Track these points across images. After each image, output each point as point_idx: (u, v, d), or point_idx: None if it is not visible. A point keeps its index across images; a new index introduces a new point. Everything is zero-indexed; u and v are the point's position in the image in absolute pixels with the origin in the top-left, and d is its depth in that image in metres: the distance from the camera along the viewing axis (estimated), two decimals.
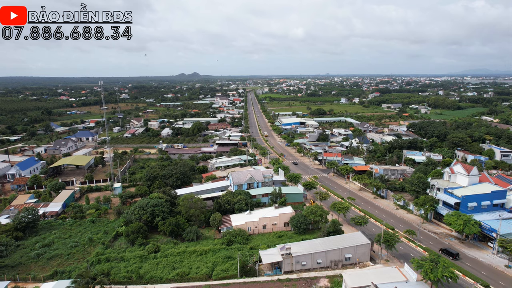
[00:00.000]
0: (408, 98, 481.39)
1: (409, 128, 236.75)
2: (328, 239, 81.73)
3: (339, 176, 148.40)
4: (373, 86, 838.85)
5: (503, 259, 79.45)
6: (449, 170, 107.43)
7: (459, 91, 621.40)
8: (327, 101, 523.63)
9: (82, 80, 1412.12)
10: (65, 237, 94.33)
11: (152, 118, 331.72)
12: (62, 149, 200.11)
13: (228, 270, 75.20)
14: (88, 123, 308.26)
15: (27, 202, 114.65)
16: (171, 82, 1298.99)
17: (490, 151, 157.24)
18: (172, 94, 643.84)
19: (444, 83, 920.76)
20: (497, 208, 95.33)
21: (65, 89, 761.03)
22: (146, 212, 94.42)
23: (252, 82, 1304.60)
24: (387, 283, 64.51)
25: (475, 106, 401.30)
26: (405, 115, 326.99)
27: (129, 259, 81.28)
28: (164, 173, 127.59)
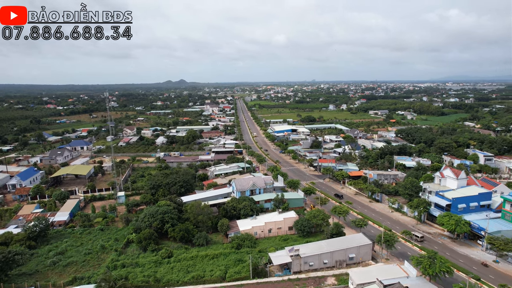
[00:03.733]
0: (394, 104, 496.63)
1: (398, 134, 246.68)
2: (332, 241, 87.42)
3: (335, 181, 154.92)
4: (359, 92, 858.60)
5: (491, 255, 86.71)
6: (440, 174, 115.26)
7: (441, 97, 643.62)
8: (316, 108, 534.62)
9: (66, 88, 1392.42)
10: (77, 245, 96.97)
11: (144, 127, 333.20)
12: (58, 158, 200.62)
13: (241, 272, 79.79)
14: (80, 132, 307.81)
15: (33, 212, 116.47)
16: (158, 89, 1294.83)
17: (474, 156, 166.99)
18: (161, 102, 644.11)
19: (427, 89, 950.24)
20: (484, 208, 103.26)
21: (50, 97, 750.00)
22: (156, 219, 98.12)
23: (239, 89, 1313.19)
24: (390, 279, 70.42)
25: (457, 112, 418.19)
26: (392, 121, 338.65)
27: (144, 264, 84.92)
28: (168, 181, 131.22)
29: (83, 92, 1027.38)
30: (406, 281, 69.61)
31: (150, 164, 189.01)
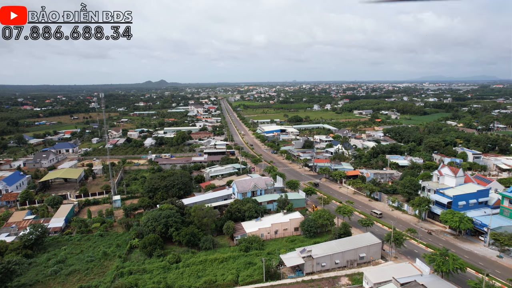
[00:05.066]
0: (377, 104, 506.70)
1: (386, 134, 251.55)
2: (342, 241, 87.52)
3: (331, 181, 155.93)
4: (341, 92, 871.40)
5: (494, 250, 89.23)
6: (438, 173, 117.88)
7: (421, 97, 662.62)
8: (300, 108, 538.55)
9: (41, 88, 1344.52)
10: (77, 252, 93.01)
11: (130, 128, 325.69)
12: (43, 162, 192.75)
13: (253, 275, 78.49)
14: (62, 134, 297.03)
15: (25, 219, 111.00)
16: (139, 90, 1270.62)
17: (463, 154, 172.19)
18: (144, 103, 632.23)
19: (406, 89, 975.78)
20: (482, 205, 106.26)
21: (25, 98, 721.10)
22: (160, 223, 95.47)
23: (221, 89, 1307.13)
24: (405, 277, 71.01)
25: (438, 111, 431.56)
26: (378, 121, 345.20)
27: (151, 270, 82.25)
28: (165, 183, 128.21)
29: (60, 92, 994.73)
30: (421, 279, 70.30)
31: (142, 166, 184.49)
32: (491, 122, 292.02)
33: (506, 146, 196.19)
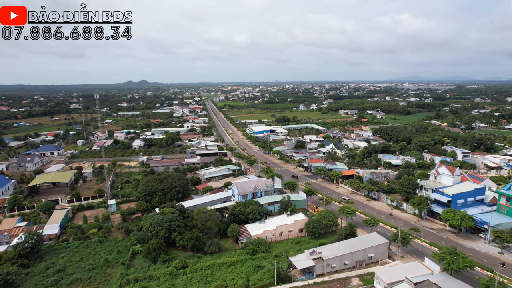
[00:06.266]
0: (361, 104, 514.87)
1: (375, 133, 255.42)
2: (350, 241, 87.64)
3: (327, 181, 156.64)
4: (324, 92, 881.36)
5: (495, 247, 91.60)
6: (435, 172, 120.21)
7: (402, 97, 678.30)
8: (286, 108, 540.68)
9: (16, 88, 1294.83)
10: (76, 260, 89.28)
11: (115, 129, 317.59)
12: (27, 165, 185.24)
13: (263, 279, 77.32)
14: (45, 136, 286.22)
15: (17, 226, 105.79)
16: (120, 90, 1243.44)
17: (453, 153, 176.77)
18: (127, 103, 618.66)
19: (387, 89, 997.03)
20: (478, 203, 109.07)
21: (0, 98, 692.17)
22: (163, 228, 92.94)
23: (204, 89, 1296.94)
24: (417, 276, 71.65)
25: (421, 111, 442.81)
26: (364, 121, 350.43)
27: (158, 277, 79.79)
28: (163, 186, 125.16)
29: (37, 93, 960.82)
30: (432, 278, 70.98)
31: (133, 169, 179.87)
32: (473, 122, 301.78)
33: (490, 144, 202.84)
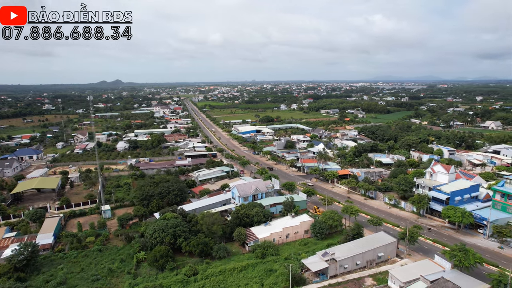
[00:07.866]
0: (341, 103, 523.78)
1: (360, 132, 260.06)
2: (360, 241, 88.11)
3: (322, 181, 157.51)
4: (302, 92, 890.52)
5: (494, 242, 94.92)
6: (431, 170, 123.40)
7: (379, 96, 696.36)
8: (268, 107, 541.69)
9: None
10: (77, 271, 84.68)
11: (96, 131, 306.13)
12: (6, 171, 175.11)
13: (277, 283, 76.34)
14: (19, 139, 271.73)
15: (6, 237, 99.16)
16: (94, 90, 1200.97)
17: (439, 151, 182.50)
18: (104, 104, 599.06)
19: (364, 89, 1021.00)
20: (473, 199, 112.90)
21: None
22: (168, 234, 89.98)
23: (182, 89, 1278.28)
24: (431, 274, 73.00)
25: (400, 110, 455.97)
26: (347, 120, 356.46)
27: (169, 285, 76.91)
28: (160, 190, 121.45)
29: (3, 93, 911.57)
30: (445, 275, 72.44)
31: (122, 172, 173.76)
32: (451, 120, 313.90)
33: (472, 142, 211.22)
